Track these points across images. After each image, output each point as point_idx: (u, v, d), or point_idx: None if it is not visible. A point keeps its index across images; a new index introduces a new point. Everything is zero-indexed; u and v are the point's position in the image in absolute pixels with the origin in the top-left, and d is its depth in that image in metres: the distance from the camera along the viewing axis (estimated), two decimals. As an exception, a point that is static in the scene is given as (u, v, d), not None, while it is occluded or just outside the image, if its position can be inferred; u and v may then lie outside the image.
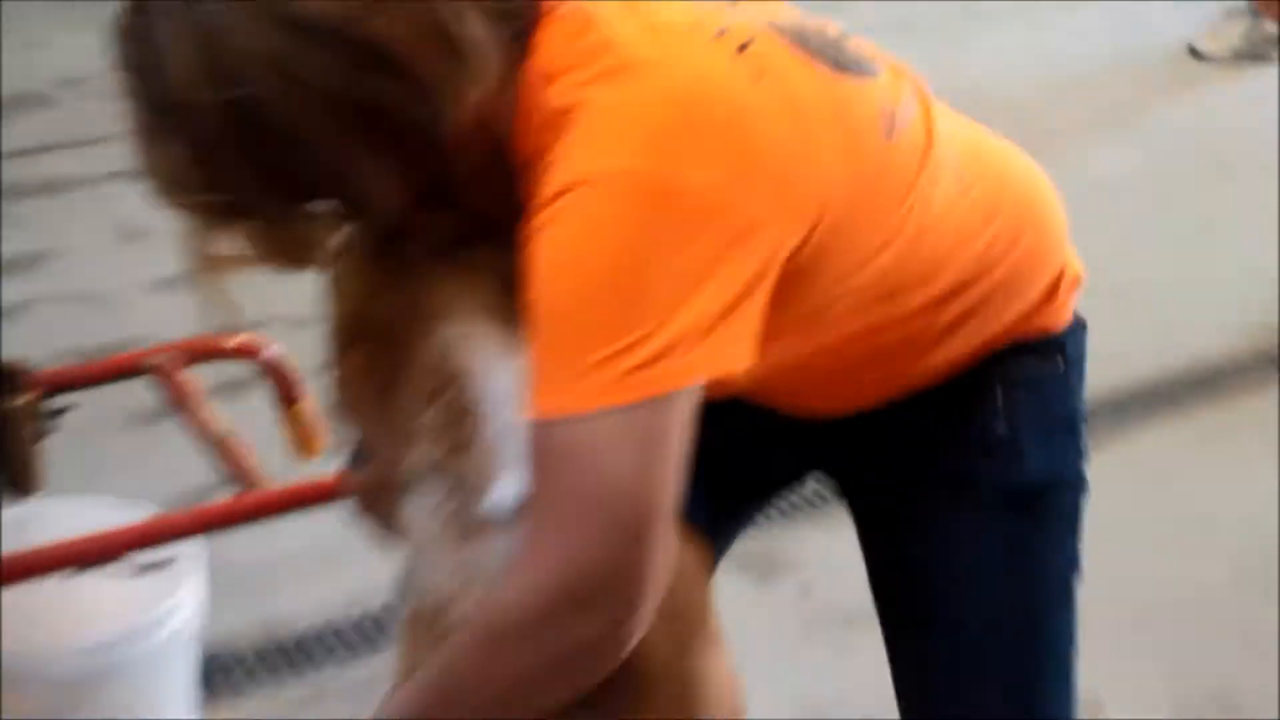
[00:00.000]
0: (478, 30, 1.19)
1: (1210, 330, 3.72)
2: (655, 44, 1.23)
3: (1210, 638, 2.72)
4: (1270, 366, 3.59)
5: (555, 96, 1.21)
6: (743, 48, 1.25)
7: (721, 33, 1.25)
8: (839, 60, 1.30)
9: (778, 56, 1.27)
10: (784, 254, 1.20)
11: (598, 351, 1.13)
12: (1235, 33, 5.63)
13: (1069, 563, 1.54)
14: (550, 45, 1.23)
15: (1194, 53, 5.66)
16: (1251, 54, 5.61)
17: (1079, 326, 1.52)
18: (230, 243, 1.28)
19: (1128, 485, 3.01)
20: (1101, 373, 2.12)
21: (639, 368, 1.14)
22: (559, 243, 1.17)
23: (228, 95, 1.18)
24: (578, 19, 1.23)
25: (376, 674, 2.47)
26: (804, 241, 1.22)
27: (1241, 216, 4.28)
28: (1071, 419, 1.54)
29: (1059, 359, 1.51)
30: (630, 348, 1.13)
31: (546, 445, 1.18)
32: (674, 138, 1.19)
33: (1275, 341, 3.67)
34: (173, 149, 1.24)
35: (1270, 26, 5.58)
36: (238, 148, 1.21)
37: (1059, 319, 1.49)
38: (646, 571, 1.18)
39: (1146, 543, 2.96)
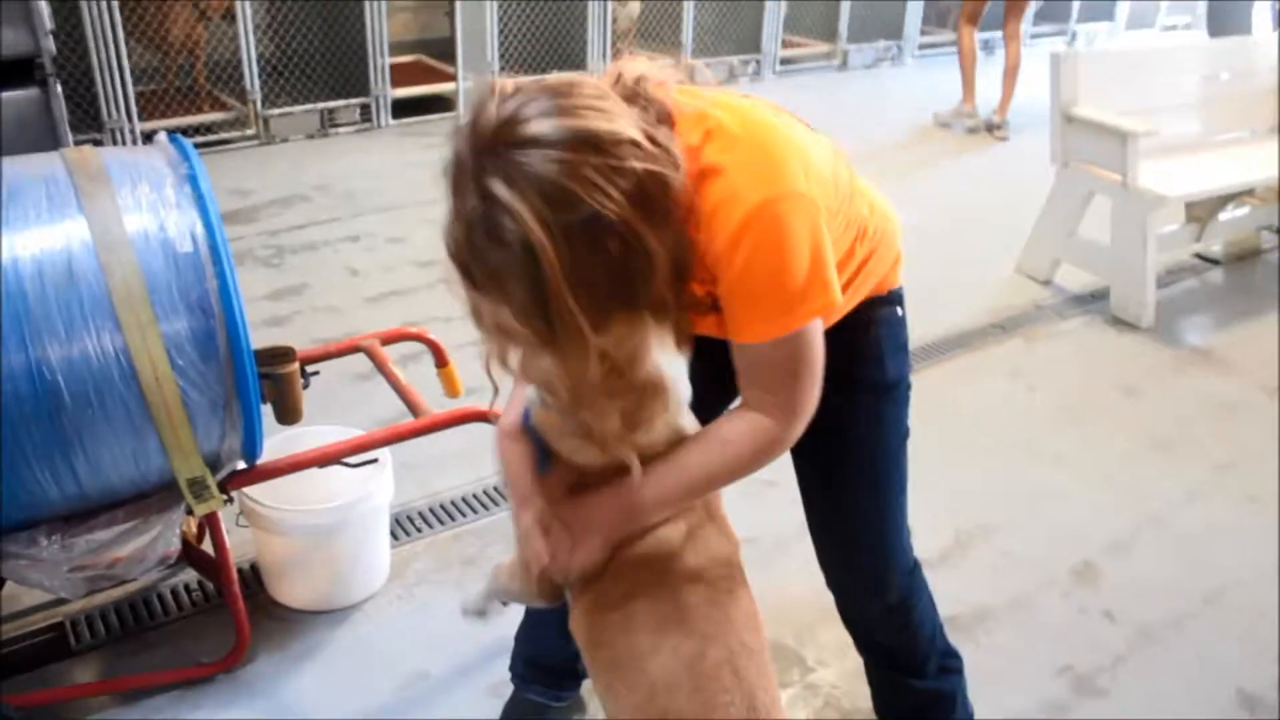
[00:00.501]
0: (675, 145, 1.37)
1: (964, 309, 4.27)
2: (728, 114, 1.43)
3: (962, 486, 3.15)
4: (1000, 331, 4.13)
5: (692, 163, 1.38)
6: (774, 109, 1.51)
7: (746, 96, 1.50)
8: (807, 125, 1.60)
9: (785, 115, 1.55)
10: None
11: (809, 295, 1.43)
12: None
13: (906, 429, 1.87)
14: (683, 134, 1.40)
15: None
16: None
17: (902, 290, 1.81)
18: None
19: (929, 399, 3.55)
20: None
21: (822, 300, 1.45)
22: (771, 239, 1.39)
23: (568, 220, 1.27)
24: (689, 115, 1.43)
25: (493, 523, 3.02)
26: None
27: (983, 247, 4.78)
28: (905, 344, 1.83)
29: (898, 307, 1.80)
30: (818, 290, 1.44)
31: (789, 349, 1.46)
32: (779, 164, 1.41)
33: (1003, 316, 4.23)
34: (517, 289, 1.32)
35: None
36: (575, 262, 1.29)
37: (897, 281, 1.78)
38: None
39: (944, 436, 3.43)
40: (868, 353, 1.78)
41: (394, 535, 2.91)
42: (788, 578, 2.80)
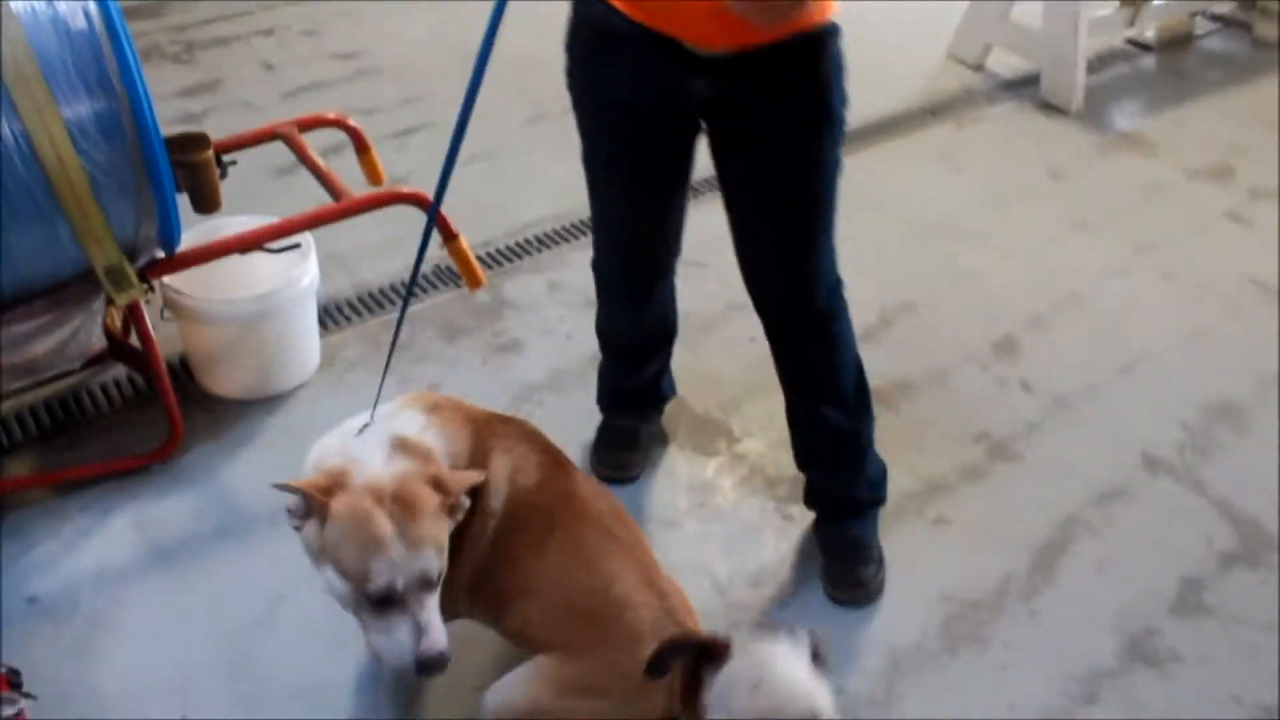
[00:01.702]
0: None
1: (894, 94, 4.27)
2: None
3: (887, 267, 3.22)
4: (931, 116, 4.16)
5: None
6: None
7: None
8: None
9: None
10: None
11: None
12: None
13: (841, 160, 1.99)
14: None
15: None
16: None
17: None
18: None
19: (857, 182, 3.53)
20: None
21: None
22: None
23: None
24: None
25: (421, 309, 3.02)
26: None
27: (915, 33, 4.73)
28: (845, 88, 1.93)
29: (839, 40, 1.89)
30: None
31: None
32: None
33: (933, 101, 4.23)
34: None
35: None
36: None
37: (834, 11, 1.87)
38: None
39: (870, 220, 3.46)
40: (821, 82, 1.88)
41: (323, 325, 2.92)
42: (714, 355, 2.89)
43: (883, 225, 3.50)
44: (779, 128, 1.91)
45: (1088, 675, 2.18)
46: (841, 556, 2.32)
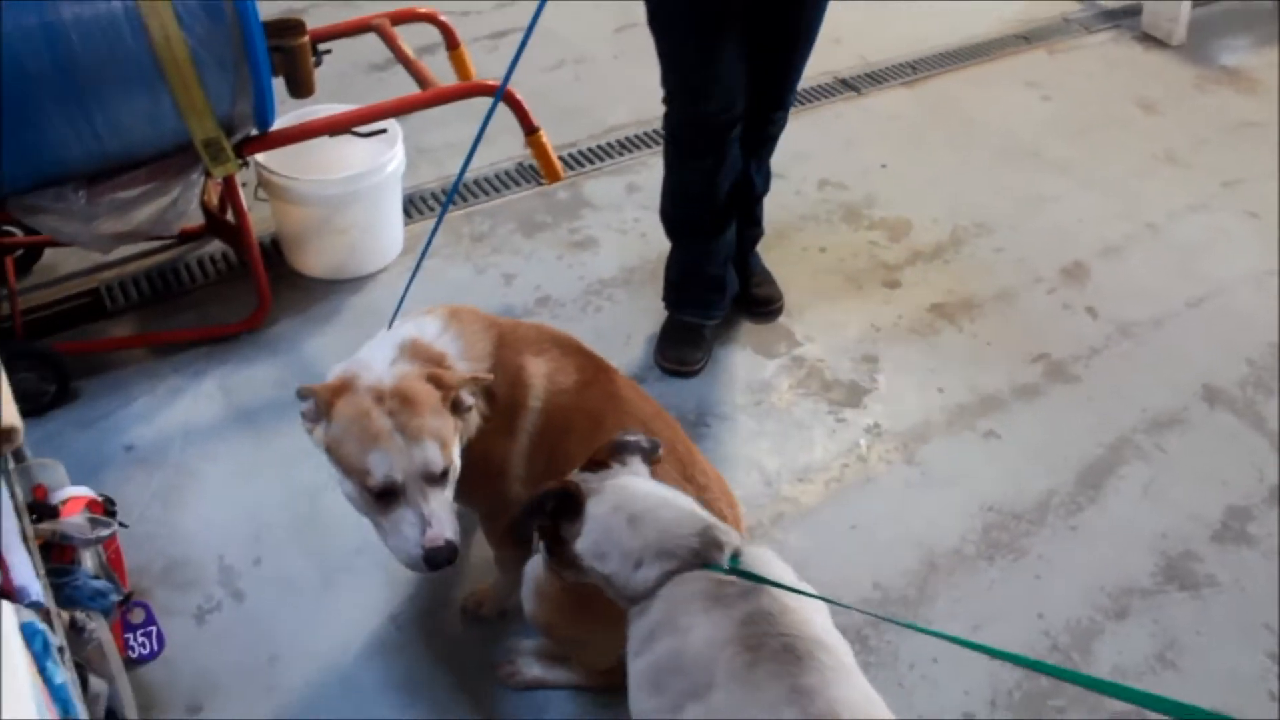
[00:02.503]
0: None
1: (989, 17, 4.23)
2: None
3: (964, 187, 3.23)
4: (1024, 42, 4.11)
5: None
6: None
7: None
8: None
9: None
10: None
11: None
12: None
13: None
14: None
15: None
16: None
17: None
18: None
19: (945, 104, 3.68)
20: (927, 40, 2.61)
21: None
22: None
23: None
24: None
25: (503, 203, 3.14)
26: None
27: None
28: None
29: None
30: None
31: None
32: None
33: (1028, 27, 4.17)
34: None
35: None
36: None
37: None
38: None
39: (954, 141, 3.52)
40: None
41: (408, 214, 3.04)
42: (785, 262, 2.95)
43: (963, 146, 3.50)
44: None
45: (1121, 591, 2.23)
46: (753, 280, 2.78)
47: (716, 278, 2.66)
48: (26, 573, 1.45)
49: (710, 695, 1.35)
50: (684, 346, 2.66)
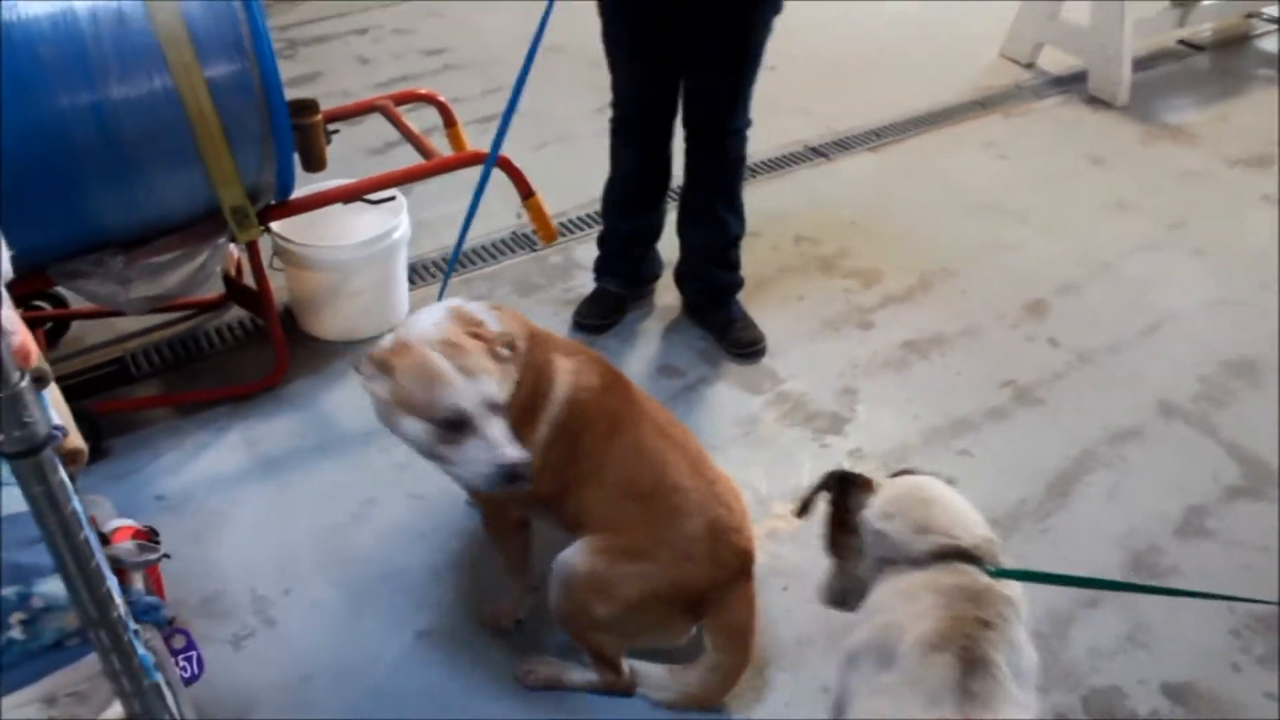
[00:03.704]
0: None
1: (948, 87, 4.58)
2: None
3: (931, 237, 3.52)
4: (980, 108, 4.45)
5: None
6: None
7: None
8: None
9: None
10: None
11: None
12: None
13: (773, 27, 2.72)
14: None
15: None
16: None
17: None
18: None
19: (908, 165, 3.98)
20: (889, 108, 2.91)
21: None
22: None
23: None
24: None
25: (500, 269, 3.40)
26: None
27: (971, 31, 5.06)
28: None
29: None
30: None
31: None
32: None
33: (984, 94, 4.53)
34: None
35: None
36: None
37: None
38: None
39: (918, 198, 3.83)
40: None
41: (411, 281, 3.29)
42: (766, 310, 3.22)
43: (927, 203, 3.81)
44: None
45: (1091, 585, 2.45)
46: (736, 325, 3.08)
47: (637, 256, 3.18)
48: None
49: (891, 668, 1.52)
50: (603, 307, 3.17)
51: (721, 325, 3.11)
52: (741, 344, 3.07)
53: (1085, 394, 2.99)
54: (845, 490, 1.79)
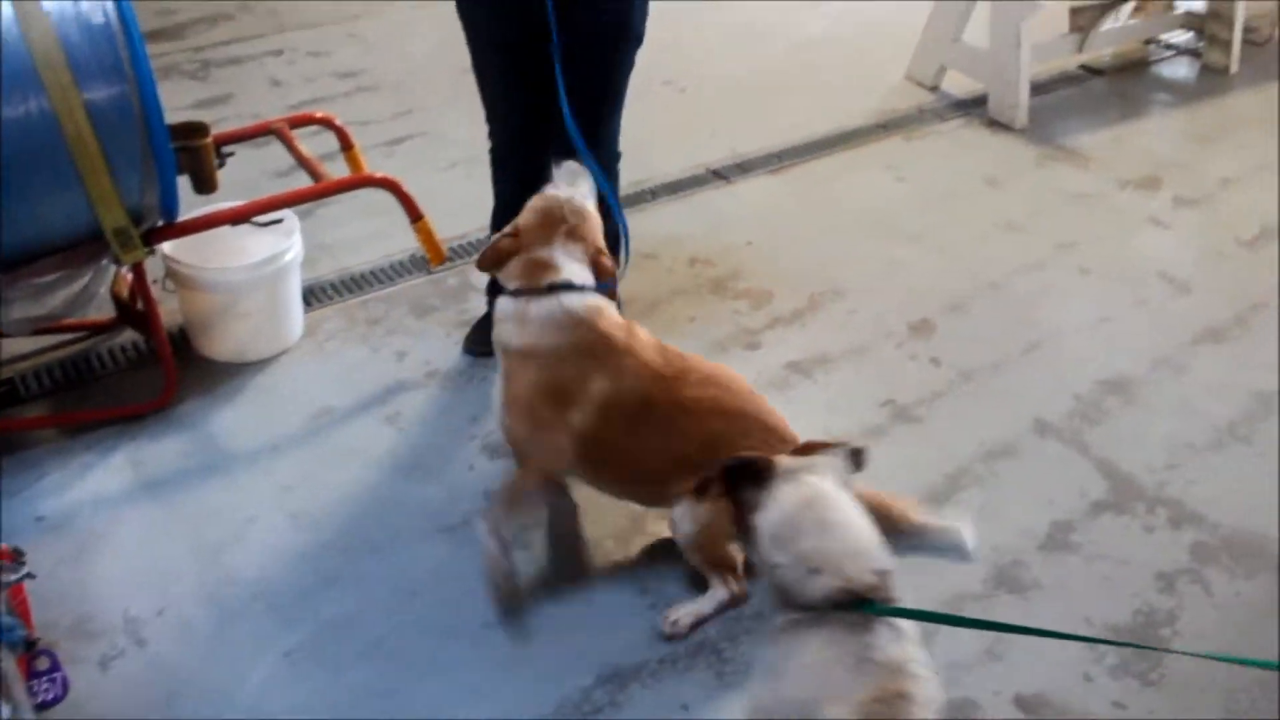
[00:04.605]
0: None
1: (853, 110, 4.67)
2: None
3: (823, 257, 3.60)
4: (882, 131, 4.54)
5: None
6: None
7: None
8: None
9: None
10: None
11: None
12: None
13: (634, 62, 2.81)
14: None
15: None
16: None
17: None
18: None
19: (807, 187, 4.05)
20: (793, 131, 2.98)
21: None
22: None
23: None
24: None
25: (397, 291, 3.44)
26: None
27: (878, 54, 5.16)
28: (646, 14, 2.73)
29: None
30: None
31: None
32: None
33: (887, 117, 4.63)
34: None
35: None
36: None
37: None
38: None
39: (816, 220, 3.90)
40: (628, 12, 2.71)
41: (308, 303, 3.32)
42: (658, 331, 3.26)
43: (823, 224, 3.89)
44: (597, 38, 2.70)
45: (954, 597, 2.52)
46: None
47: None
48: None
49: None
50: (486, 331, 3.09)
51: None
52: None
53: (963, 412, 3.07)
54: (740, 482, 1.77)
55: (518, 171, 2.93)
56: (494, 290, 3.20)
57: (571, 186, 2.49)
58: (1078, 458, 2.94)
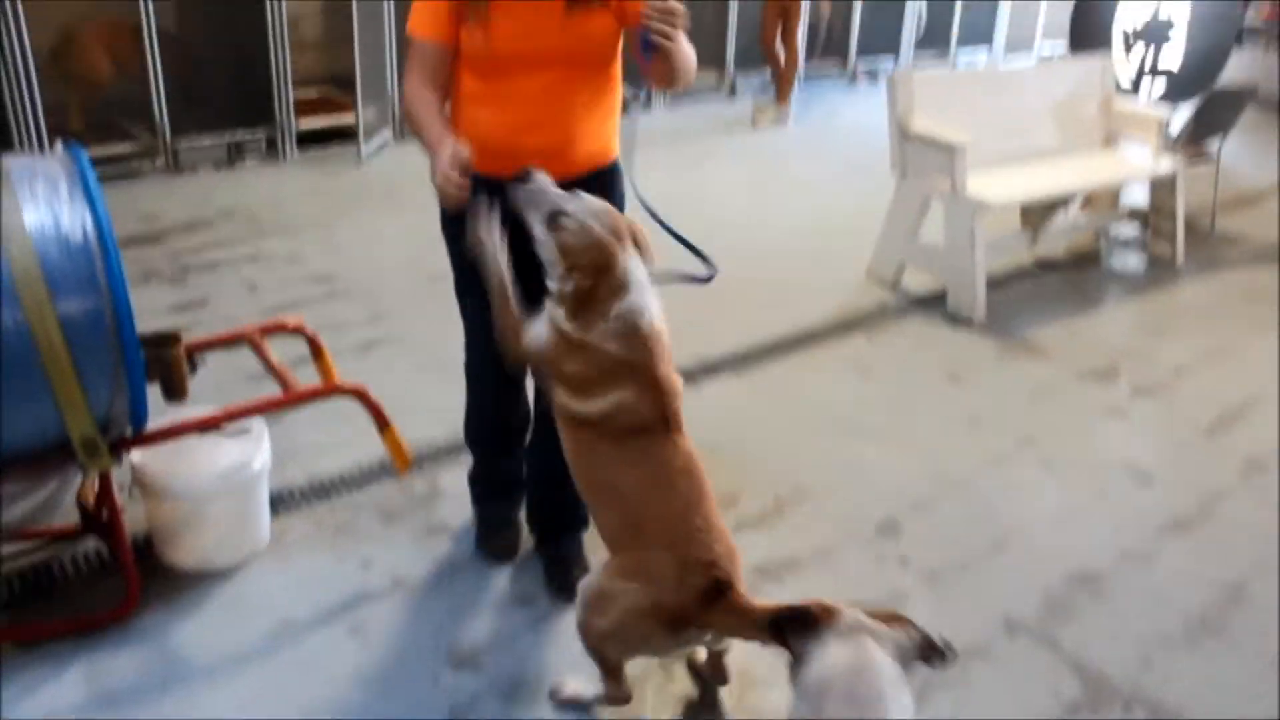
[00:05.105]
0: None
1: (815, 309, 4.82)
2: None
3: (788, 459, 3.64)
4: (845, 330, 4.69)
5: None
6: None
7: None
8: None
9: None
10: None
11: None
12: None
13: None
14: None
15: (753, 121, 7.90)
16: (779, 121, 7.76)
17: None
18: None
19: (771, 388, 4.12)
20: (757, 330, 3.07)
21: None
22: None
23: None
24: None
25: (364, 497, 3.45)
26: None
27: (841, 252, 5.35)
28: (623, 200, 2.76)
29: (620, 173, 2.77)
30: None
31: None
32: None
33: (849, 316, 4.78)
34: None
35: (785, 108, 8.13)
36: None
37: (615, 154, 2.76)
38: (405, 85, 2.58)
39: (780, 420, 3.97)
40: (612, 199, 2.67)
41: (275, 509, 3.31)
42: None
43: (787, 425, 3.96)
44: None
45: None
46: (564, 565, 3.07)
47: (514, 473, 3.21)
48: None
49: None
50: (505, 532, 3.23)
51: (553, 561, 3.11)
52: (565, 586, 2.96)
53: (932, 614, 3.05)
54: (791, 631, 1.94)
55: (492, 386, 3.02)
56: (484, 492, 3.27)
57: (555, 202, 2.47)
58: (1050, 656, 2.92)
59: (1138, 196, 5.86)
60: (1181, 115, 5.77)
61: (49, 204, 2.58)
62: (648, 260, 2.53)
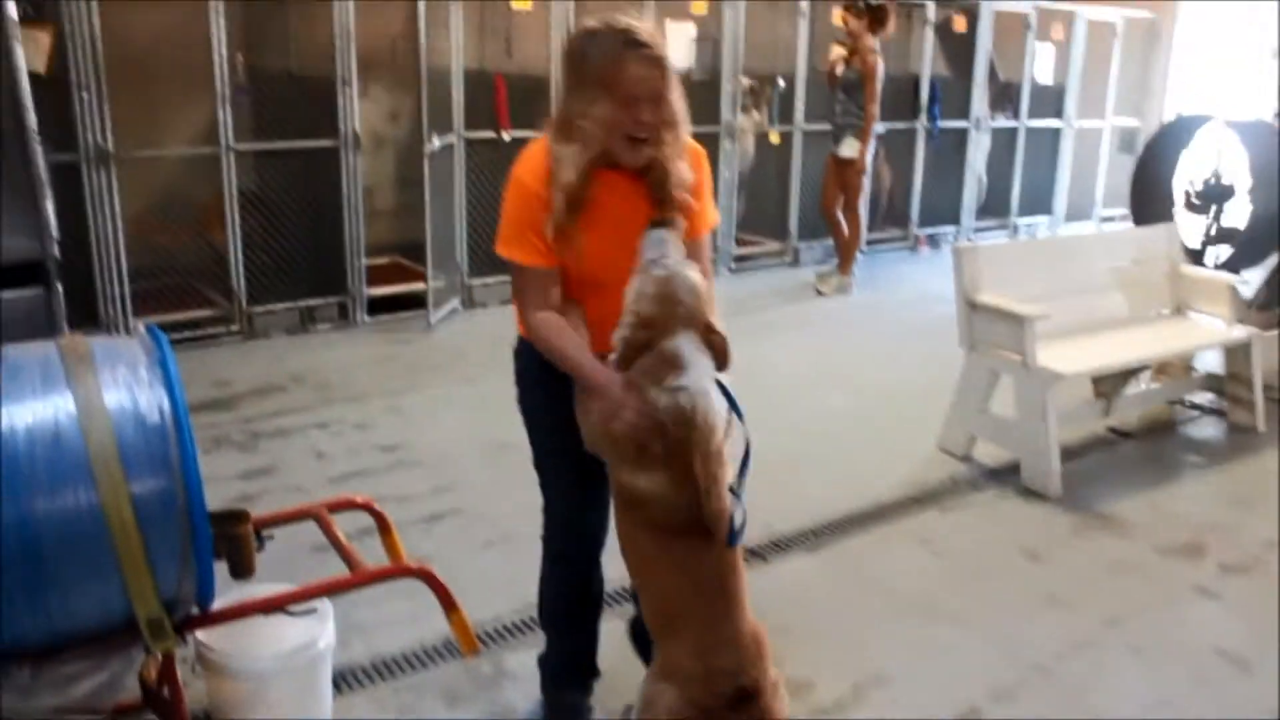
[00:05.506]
0: None
1: (885, 482, 4.72)
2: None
3: (863, 643, 3.49)
4: (916, 504, 4.58)
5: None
6: None
7: None
8: None
9: None
10: None
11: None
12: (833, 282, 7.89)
13: None
14: None
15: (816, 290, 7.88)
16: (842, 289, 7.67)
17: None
18: None
19: (843, 565, 4.02)
20: (826, 505, 3.00)
21: None
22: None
23: None
24: None
25: (429, 677, 3.39)
26: None
27: (909, 425, 5.27)
28: None
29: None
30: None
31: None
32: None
33: (920, 489, 4.68)
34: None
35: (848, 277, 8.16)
36: None
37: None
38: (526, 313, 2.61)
39: (852, 599, 3.85)
40: None
41: (338, 687, 3.25)
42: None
43: (861, 606, 3.83)
44: None
45: None
46: None
47: (588, 657, 3.16)
48: None
49: None
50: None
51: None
52: None
53: (1020, 812, 2.89)
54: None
55: (574, 558, 3.05)
56: (560, 680, 3.21)
57: (663, 254, 2.54)
58: None
59: (1211, 362, 5.77)
60: (1253, 279, 5.72)
61: (128, 386, 2.63)
62: (721, 366, 2.58)
